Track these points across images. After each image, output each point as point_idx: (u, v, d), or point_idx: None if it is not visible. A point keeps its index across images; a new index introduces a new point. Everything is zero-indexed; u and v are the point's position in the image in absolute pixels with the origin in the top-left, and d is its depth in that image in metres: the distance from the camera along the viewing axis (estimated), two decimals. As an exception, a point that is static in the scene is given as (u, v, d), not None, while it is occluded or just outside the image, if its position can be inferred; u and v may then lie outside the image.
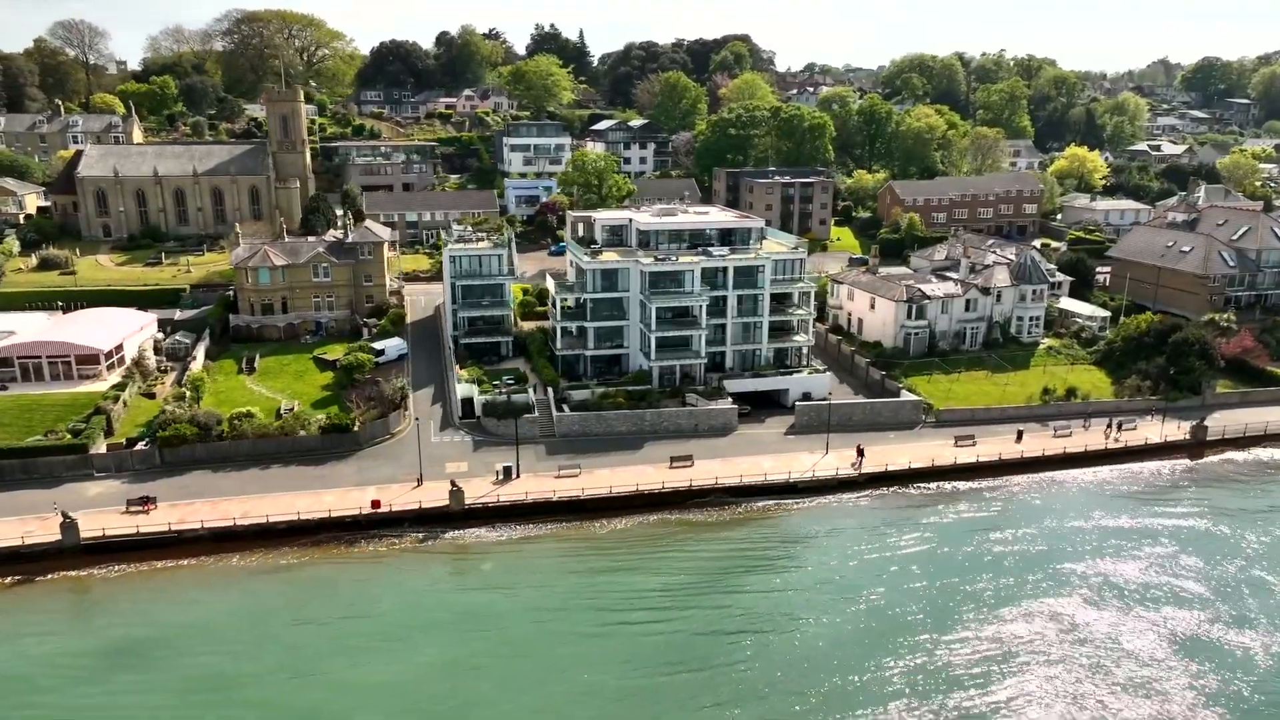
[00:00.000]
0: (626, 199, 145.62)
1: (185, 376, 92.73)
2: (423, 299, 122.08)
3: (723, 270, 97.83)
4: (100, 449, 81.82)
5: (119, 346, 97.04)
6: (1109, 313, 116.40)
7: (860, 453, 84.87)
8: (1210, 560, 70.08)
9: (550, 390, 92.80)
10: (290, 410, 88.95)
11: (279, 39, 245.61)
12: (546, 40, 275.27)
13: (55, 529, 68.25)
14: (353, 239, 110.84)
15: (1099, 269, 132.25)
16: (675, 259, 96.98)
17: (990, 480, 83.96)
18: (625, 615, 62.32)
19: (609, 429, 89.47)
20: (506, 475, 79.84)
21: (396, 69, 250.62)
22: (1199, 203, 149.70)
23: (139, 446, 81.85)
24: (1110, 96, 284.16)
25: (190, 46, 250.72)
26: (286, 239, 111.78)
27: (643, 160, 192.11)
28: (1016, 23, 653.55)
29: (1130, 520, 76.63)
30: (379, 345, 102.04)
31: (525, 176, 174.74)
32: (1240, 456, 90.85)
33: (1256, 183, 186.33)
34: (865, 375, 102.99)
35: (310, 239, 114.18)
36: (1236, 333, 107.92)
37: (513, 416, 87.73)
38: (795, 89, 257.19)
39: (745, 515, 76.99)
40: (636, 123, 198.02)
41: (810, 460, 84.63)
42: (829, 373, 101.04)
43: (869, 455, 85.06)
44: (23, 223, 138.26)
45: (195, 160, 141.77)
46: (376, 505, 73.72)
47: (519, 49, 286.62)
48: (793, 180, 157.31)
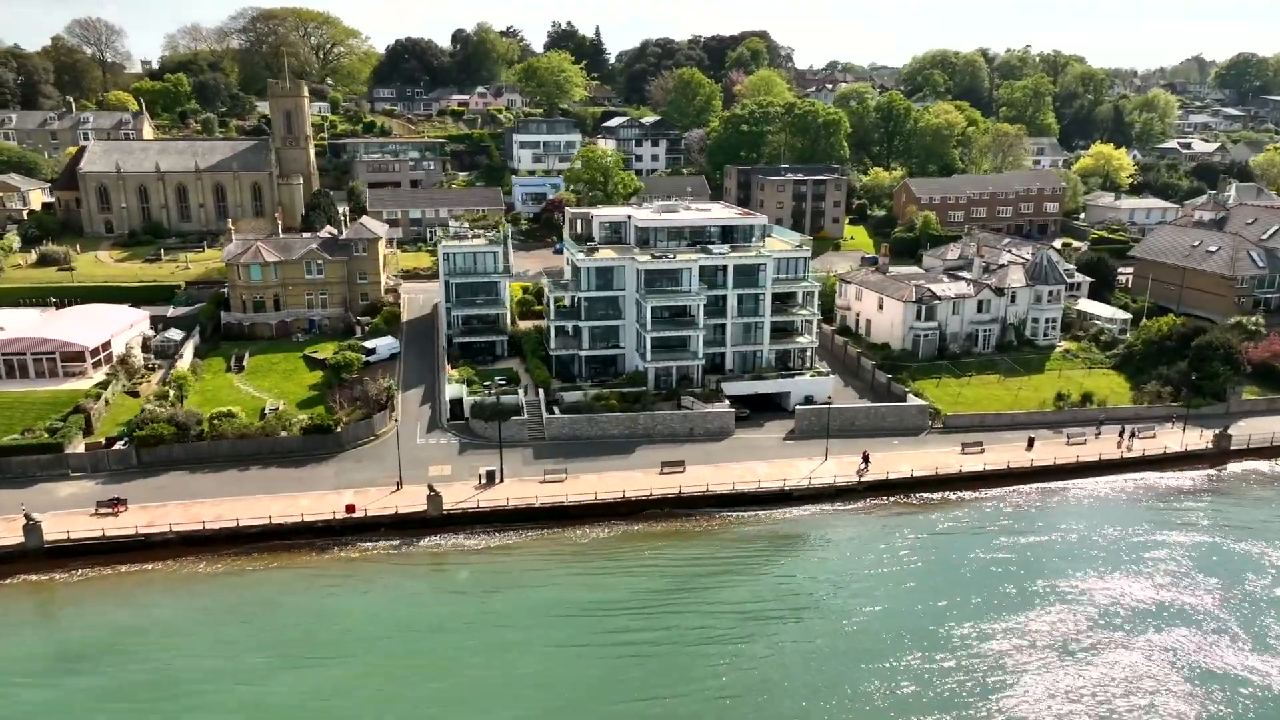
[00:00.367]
0: (633, 196, 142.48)
1: (169, 375, 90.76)
2: (421, 297, 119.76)
3: (722, 268, 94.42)
4: (78, 448, 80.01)
5: (106, 344, 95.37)
6: (1130, 315, 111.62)
7: (865, 459, 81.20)
8: (1230, 579, 65.69)
9: (541, 392, 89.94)
10: (275, 410, 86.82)
11: (294, 36, 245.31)
12: (563, 38, 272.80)
13: (19, 531, 66.27)
14: (347, 235, 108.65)
15: (1120, 269, 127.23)
16: (672, 256, 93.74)
17: (997, 490, 79.90)
18: (600, 628, 59.22)
19: (600, 432, 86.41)
20: (490, 479, 77.00)
21: (412, 66, 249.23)
22: (1229, 201, 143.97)
23: (117, 446, 79.94)
24: (1140, 94, 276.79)
25: (207, 45, 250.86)
26: (281, 235, 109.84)
27: (655, 158, 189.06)
28: (1045, 20, 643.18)
29: (1145, 534, 72.32)
30: (370, 344, 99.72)
31: (534, 174, 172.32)
32: (1266, 467, 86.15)
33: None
34: (871, 378, 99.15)
35: (305, 235, 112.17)
36: (1265, 336, 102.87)
37: (501, 418, 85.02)
38: (814, 87, 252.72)
39: (734, 524, 73.53)
40: (649, 120, 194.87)
41: (808, 467, 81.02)
42: (833, 375, 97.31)
43: (871, 462, 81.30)
44: (26, 218, 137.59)
45: (198, 156, 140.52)
46: (351, 510, 71.14)
47: (536, 47, 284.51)
48: (805, 178, 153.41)
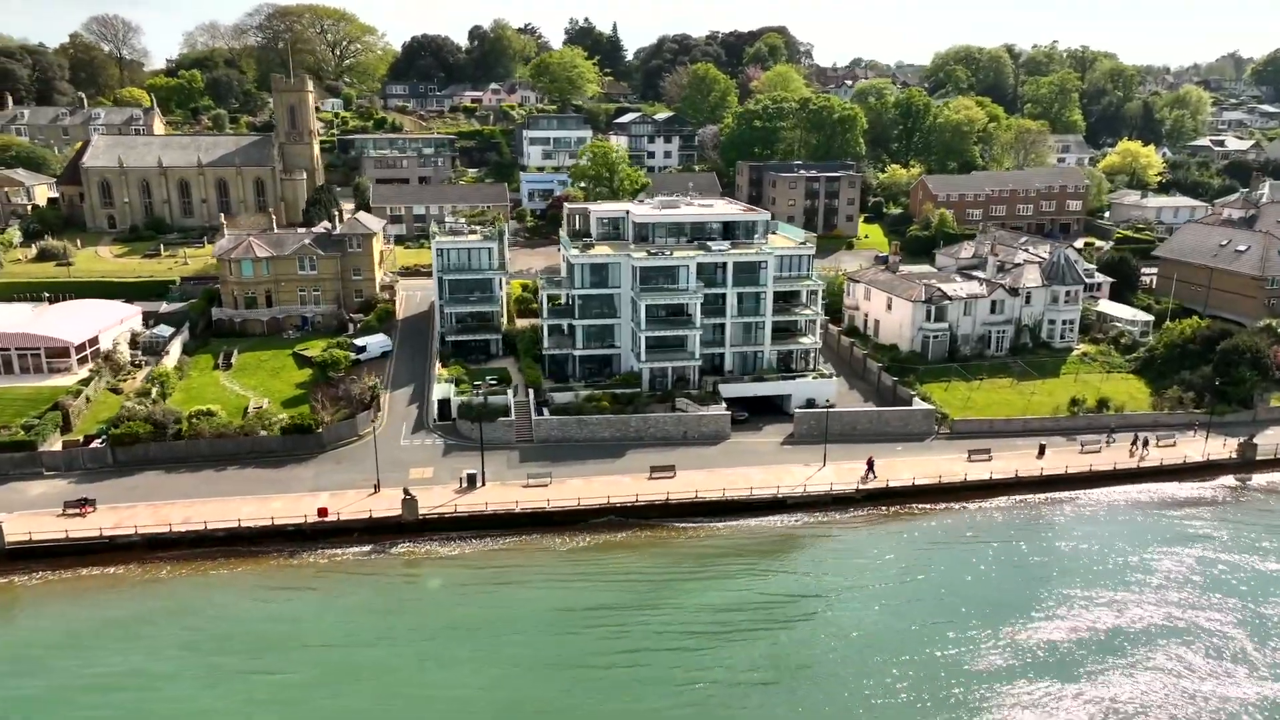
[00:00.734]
0: (641, 192, 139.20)
1: (151, 371, 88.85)
2: (419, 294, 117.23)
3: (721, 266, 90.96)
4: (55, 446, 78.18)
5: (93, 339, 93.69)
6: (1152, 317, 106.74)
7: (870, 465, 77.42)
8: (1252, 600, 61.27)
9: (531, 392, 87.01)
10: (258, 408, 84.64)
11: (311, 33, 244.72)
12: (581, 35, 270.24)
13: (-19, 531, 64.41)
14: (341, 231, 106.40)
15: (1144, 270, 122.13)
16: (669, 253, 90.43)
17: (1004, 500, 75.82)
18: (561, 647, 56.07)
19: (591, 435, 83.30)
20: (470, 483, 74.12)
21: (428, 63, 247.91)
22: (1262, 199, 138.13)
23: (94, 445, 78.01)
24: (1172, 91, 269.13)
25: (225, 42, 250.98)
26: (276, 230, 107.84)
27: (667, 154, 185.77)
28: (1074, 17, 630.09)
29: (1159, 550, 67.94)
30: (361, 342, 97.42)
31: (543, 170, 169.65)
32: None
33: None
34: (877, 381, 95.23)
35: (299, 230, 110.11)
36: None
37: (488, 419, 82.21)
38: (834, 83, 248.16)
39: (721, 534, 69.99)
40: (661, 116, 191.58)
41: (804, 473, 77.38)
42: (836, 378, 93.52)
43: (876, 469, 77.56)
44: (29, 213, 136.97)
45: (200, 151, 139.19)
46: (323, 514, 68.56)
47: (554, 44, 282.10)
48: (818, 175, 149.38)
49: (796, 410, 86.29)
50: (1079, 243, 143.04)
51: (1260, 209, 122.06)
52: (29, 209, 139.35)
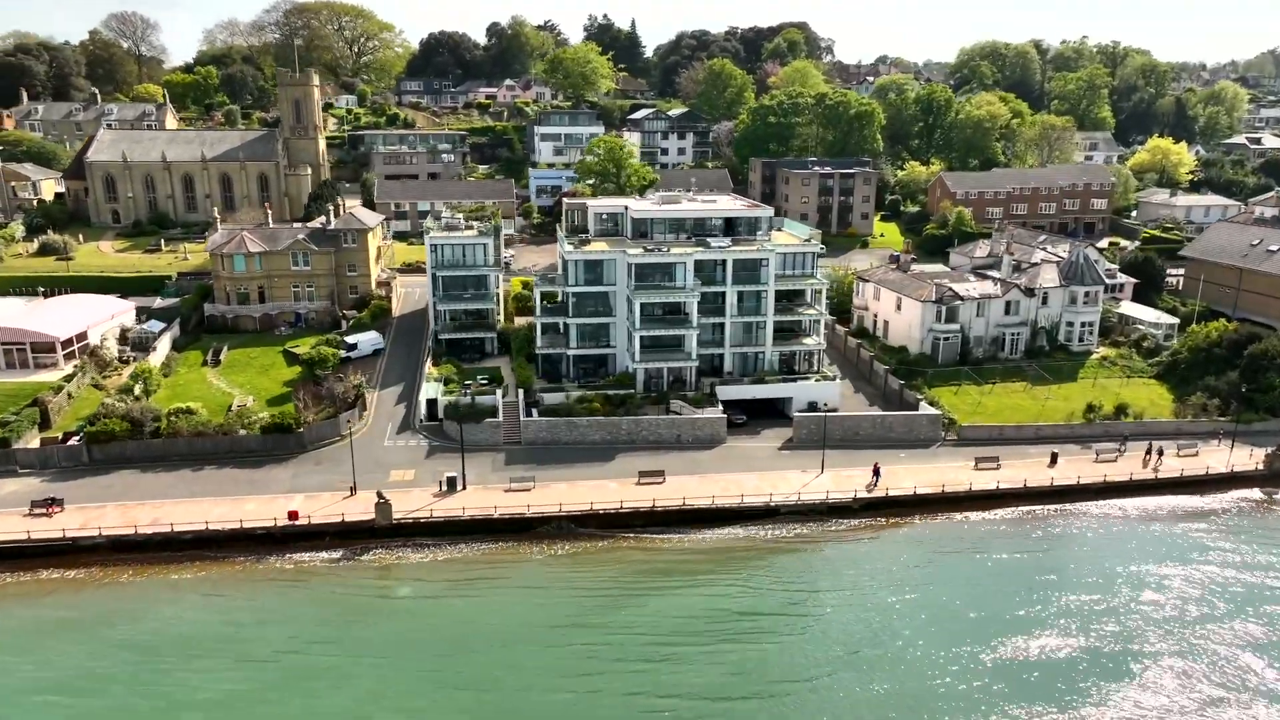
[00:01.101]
0: (649, 188, 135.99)
1: (133, 367, 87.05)
2: (418, 291, 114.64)
3: (721, 263, 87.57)
4: (34, 443, 76.47)
5: (81, 335, 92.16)
6: (1177, 319, 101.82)
7: (876, 472, 73.66)
8: (1276, 628, 56.92)
9: (521, 392, 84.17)
10: (242, 406, 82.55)
11: (328, 30, 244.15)
12: (600, 32, 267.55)
13: (-59, 531, 62.62)
14: (335, 226, 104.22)
15: (1170, 270, 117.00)
16: (667, 249, 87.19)
17: (1010, 511, 71.75)
18: (536, 660, 53.02)
19: (580, 437, 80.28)
20: (451, 487, 71.36)
21: (445, 60, 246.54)
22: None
23: (71, 443, 76.20)
24: (1208, 87, 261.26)
25: (243, 39, 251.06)
26: (271, 225, 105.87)
27: (681, 151, 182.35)
28: (1107, 14, 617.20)
29: (1176, 568, 63.64)
30: (352, 339, 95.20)
31: (554, 166, 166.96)
32: (1326, 492, 76.50)
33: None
34: (884, 384, 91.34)
35: (295, 225, 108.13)
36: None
37: (474, 420, 79.53)
38: (855, 80, 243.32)
39: (708, 543, 66.57)
40: (675, 112, 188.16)
41: (800, 480, 73.80)
42: (841, 380, 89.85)
43: (869, 476, 73.80)
44: (35, 207, 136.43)
45: (205, 146, 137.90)
46: (294, 517, 66.07)
47: (573, 41, 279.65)
48: (832, 171, 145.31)
49: (795, 414, 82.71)
50: (1103, 242, 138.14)
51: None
52: (35, 203, 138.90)
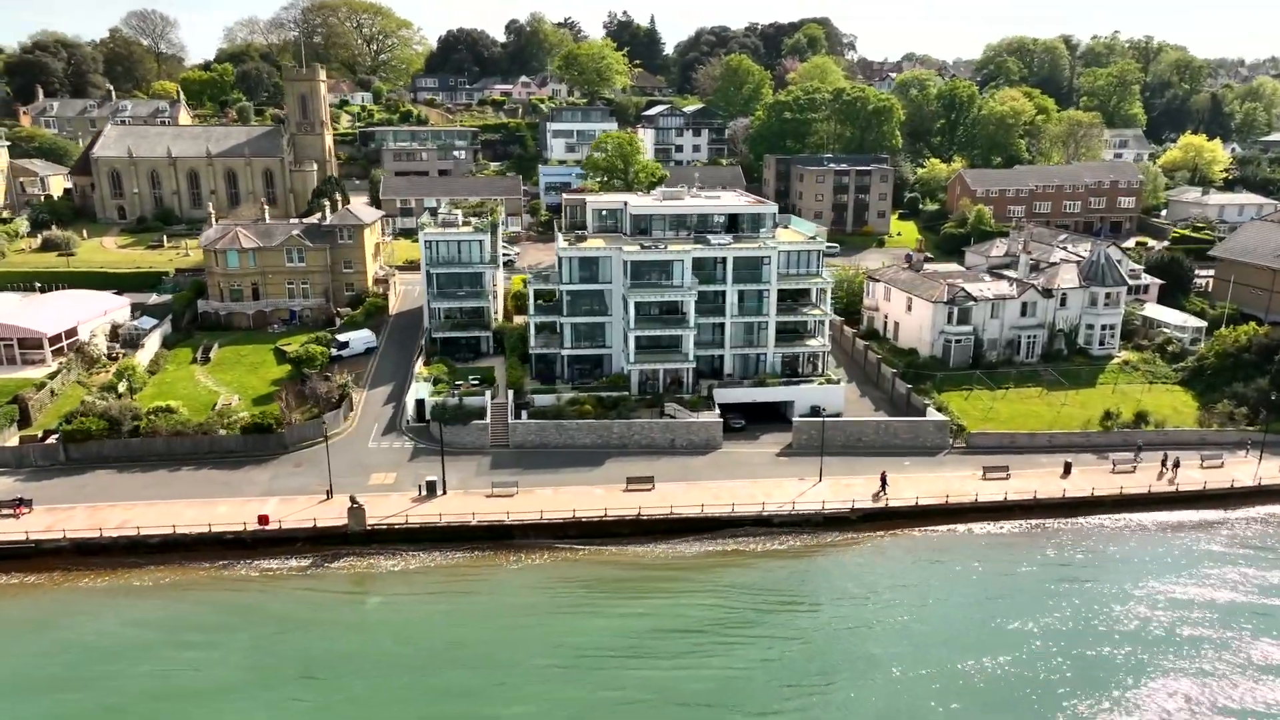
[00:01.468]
0: (659, 184, 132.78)
1: (119, 365, 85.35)
2: (417, 289, 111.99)
3: (721, 261, 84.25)
4: (12, 441, 74.88)
5: (71, 331, 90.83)
6: (1205, 323, 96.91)
7: (884, 481, 69.94)
8: (1300, 652, 52.73)
9: (511, 393, 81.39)
10: (227, 405, 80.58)
11: (347, 27, 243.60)
12: (619, 29, 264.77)
13: (-98, 532, 60.93)
14: (331, 221, 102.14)
15: (1199, 271, 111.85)
16: (664, 247, 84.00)
17: (1018, 524, 67.71)
18: (501, 678, 50.09)
19: (570, 441, 77.32)
20: (430, 491, 68.69)
21: (463, 57, 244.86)
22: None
23: (49, 441, 74.50)
24: (1246, 84, 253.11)
25: (262, 37, 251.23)
26: (267, 221, 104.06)
27: (696, 148, 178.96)
28: (1140, 10, 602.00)
29: (1196, 589, 59.41)
30: (343, 337, 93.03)
31: (565, 163, 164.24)
32: (1362, 508, 71.56)
33: None
34: (891, 389, 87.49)
35: (291, 221, 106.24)
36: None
37: (460, 422, 76.90)
38: (878, 77, 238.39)
39: (691, 556, 63.08)
40: (690, 108, 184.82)
41: (797, 489, 70.29)
42: (846, 384, 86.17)
43: (871, 486, 70.18)
44: (41, 203, 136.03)
45: (210, 142, 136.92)
46: (264, 521, 63.67)
47: (594, 38, 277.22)
48: (848, 168, 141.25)
49: (795, 419, 79.13)
50: (1130, 242, 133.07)
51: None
52: (42, 199, 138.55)
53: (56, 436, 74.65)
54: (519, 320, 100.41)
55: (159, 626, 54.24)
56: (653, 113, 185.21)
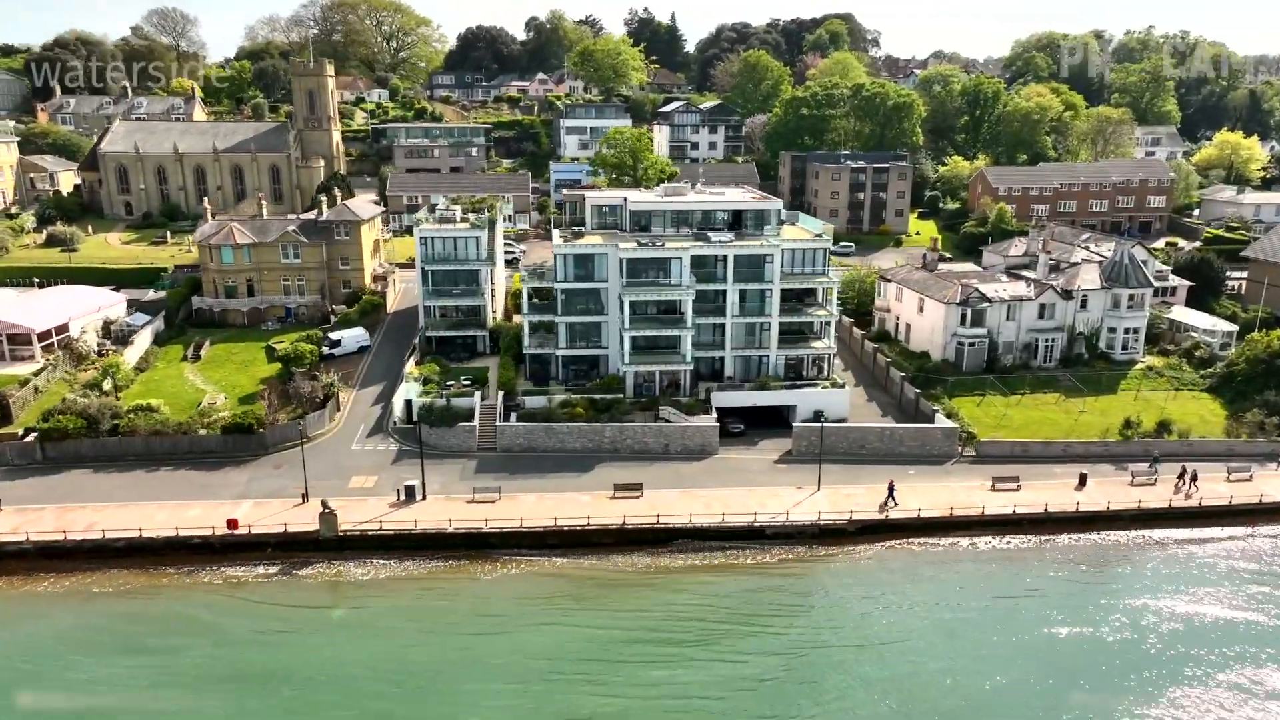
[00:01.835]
0: (668, 181, 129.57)
1: (104, 362, 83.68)
2: (417, 287, 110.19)
3: (721, 259, 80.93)
4: (-10, 439, 73.36)
5: (62, 327, 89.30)
6: (1236, 327, 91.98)
7: (891, 490, 66.25)
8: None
9: (501, 395, 78.67)
10: (211, 404, 78.63)
11: (366, 25, 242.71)
12: (640, 26, 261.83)
13: None
14: (327, 217, 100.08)
15: (1231, 273, 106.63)
16: (662, 244, 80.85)
17: (1026, 538, 63.70)
18: (462, 697, 47.23)
19: (559, 445, 74.40)
20: (409, 496, 66.08)
21: (482, 54, 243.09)
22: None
23: (27, 439, 72.86)
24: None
25: (282, 35, 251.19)
26: (264, 216, 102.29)
27: (712, 145, 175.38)
28: (1178, 6, 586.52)
29: (1222, 610, 55.27)
30: (335, 335, 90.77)
31: (578, 160, 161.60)
32: (1402, 526, 66.67)
33: None
34: (899, 393, 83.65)
35: (288, 217, 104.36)
36: None
37: (446, 424, 74.32)
38: (902, 73, 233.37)
39: (675, 569, 59.84)
40: (707, 105, 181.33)
41: (793, 498, 66.81)
42: (851, 387, 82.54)
43: (872, 495, 66.56)
44: (49, 198, 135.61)
45: (217, 137, 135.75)
46: (233, 525, 61.35)
47: (615, 36, 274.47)
48: (865, 165, 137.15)
49: (795, 424, 75.58)
50: (1159, 242, 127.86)
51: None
52: (51, 194, 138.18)
53: (34, 435, 73.06)
54: (518, 320, 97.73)
55: (114, 633, 52.04)
56: (668, 109, 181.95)
